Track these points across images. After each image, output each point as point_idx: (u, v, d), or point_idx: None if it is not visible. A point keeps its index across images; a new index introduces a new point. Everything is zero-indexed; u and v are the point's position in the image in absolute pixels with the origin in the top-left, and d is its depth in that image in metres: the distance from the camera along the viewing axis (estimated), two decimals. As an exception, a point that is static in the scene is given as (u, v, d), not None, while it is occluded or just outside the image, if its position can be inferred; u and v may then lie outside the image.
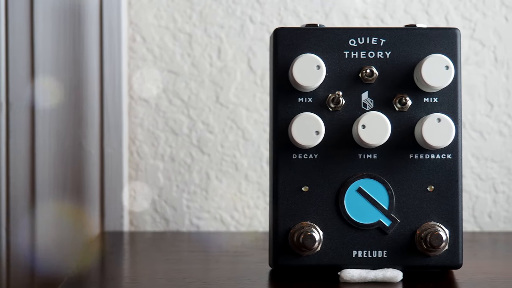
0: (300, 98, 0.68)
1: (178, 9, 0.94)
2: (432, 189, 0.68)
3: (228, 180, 0.95)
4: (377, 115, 0.67)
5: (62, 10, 0.90)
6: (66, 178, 0.91)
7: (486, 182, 0.95)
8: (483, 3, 0.94)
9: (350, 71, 0.68)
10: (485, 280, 0.69)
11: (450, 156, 0.68)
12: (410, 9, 0.94)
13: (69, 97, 0.91)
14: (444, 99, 0.68)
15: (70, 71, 0.91)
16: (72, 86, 0.91)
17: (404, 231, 0.68)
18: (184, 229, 0.95)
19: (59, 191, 0.91)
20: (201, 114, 0.94)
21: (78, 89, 0.91)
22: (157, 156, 0.95)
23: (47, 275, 0.90)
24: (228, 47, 0.94)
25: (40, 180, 0.91)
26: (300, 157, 0.68)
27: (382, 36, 0.69)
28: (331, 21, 0.94)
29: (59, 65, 0.91)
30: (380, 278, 0.67)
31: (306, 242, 0.67)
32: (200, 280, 0.68)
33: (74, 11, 0.90)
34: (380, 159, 0.68)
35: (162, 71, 0.94)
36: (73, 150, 0.91)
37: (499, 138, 0.95)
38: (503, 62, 0.95)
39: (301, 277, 0.68)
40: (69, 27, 0.91)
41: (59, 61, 0.91)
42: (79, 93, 0.91)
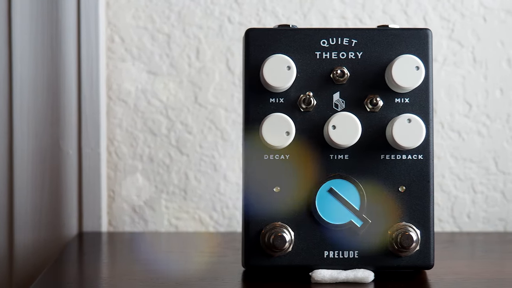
0: (271, 99, 0.68)
1: (156, 9, 0.94)
2: (403, 190, 0.68)
3: (207, 180, 0.95)
4: (348, 116, 0.67)
5: (40, 10, 0.90)
6: (44, 179, 0.91)
7: (465, 182, 0.95)
8: (462, 3, 0.94)
9: (322, 71, 0.68)
10: (456, 281, 0.69)
11: (422, 156, 0.68)
12: (388, 10, 0.94)
13: (47, 97, 0.91)
14: (415, 100, 0.68)
15: (47, 71, 0.91)
16: (50, 86, 0.91)
17: (376, 232, 0.68)
18: (163, 229, 0.95)
19: (37, 191, 0.91)
20: (180, 114, 0.94)
21: (56, 90, 0.91)
22: (136, 157, 0.95)
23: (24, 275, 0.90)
24: (206, 48, 0.94)
25: (18, 180, 0.91)
26: (271, 157, 0.68)
27: (354, 36, 0.69)
28: (310, 22, 0.94)
29: (37, 65, 0.91)
30: (351, 278, 0.67)
31: (277, 242, 0.67)
32: (172, 281, 0.68)
33: (52, 12, 0.90)
34: (351, 159, 0.68)
35: (140, 72, 0.94)
36: (51, 150, 0.91)
37: (477, 138, 0.95)
38: (482, 63, 0.95)
39: (273, 277, 0.68)
40: (47, 28, 0.91)
41: (37, 61, 0.91)
42: (57, 93, 0.91)
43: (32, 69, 0.91)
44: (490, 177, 0.95)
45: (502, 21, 0.94)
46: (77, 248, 0.86)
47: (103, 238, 0.91)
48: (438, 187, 0.95)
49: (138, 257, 0.81)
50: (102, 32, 0.92)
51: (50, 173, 0.91)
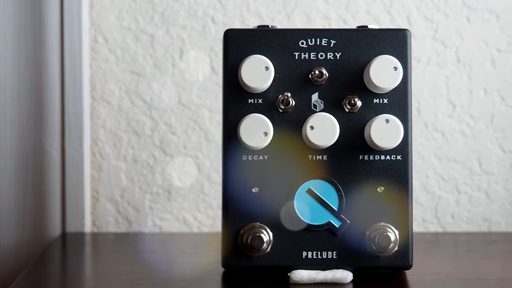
0: (250, 99, 0.68)
1: (140, 10, 0.94)
2: (382, 190, 0.68)
3: (191, 181, 0.95)
4: (325, 116, 0.67)
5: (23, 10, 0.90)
6: (27, 179, 0.91)
7: (449, 182, 0.95)
8: (445, 4, 0.94)
9: (300, 72, 0.68)
10: (435, 281, 0.69)
11: (400, 157, 0.68)
12: (372, 10, 0.94)
13: (30, 98, 0.91)
14: (394, 100, 0.68)
15: (31, 72, 0.90)
16: (33, 86, 0.91)
17: (354, 232, 0.68)
18: (147, 230, 0.95)
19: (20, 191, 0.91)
20: (164, 115, 0.94)
21: (39, 90, 0.91)
22: (120, 157, 0.95)
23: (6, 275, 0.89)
24: (190, 48, 0.94)
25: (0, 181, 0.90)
26: (250, 158, 0.68)
27: (332, 37, 0.69)
28: (293, 22, 0.94)
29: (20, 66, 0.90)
30: (329, 279, 0.67)
31: (254, 243, 0.67)
32: (151, 281, 0.68)
33: (35, 12, 0.90)
34: (330, 160, 0.68)
35: (124, 72, 0.94)
36: (34, 150, 0.91)
37: (461, 138, 0.95)
38: (465, 63, 0.95)
39: (252, 278, 0.68)
40: (30, 28, 0.91)
41: (20, 61, 0.90)
42: (40, 94, 0.91)
43: (15, 70, 0.90)
44: (474, 177, 0.95)
45: (486, 22, 0.94)
46: (60, 248, 0.86)
47: (87, 239, 0.91)
48: (422, 187, 0.95)
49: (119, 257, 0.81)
50: (85, 33, 0.92)
51: (33, 174, 0.91)
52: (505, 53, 0.95)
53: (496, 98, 0.95)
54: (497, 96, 0.95)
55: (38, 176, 0.91)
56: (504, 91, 0.95)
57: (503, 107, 0.95)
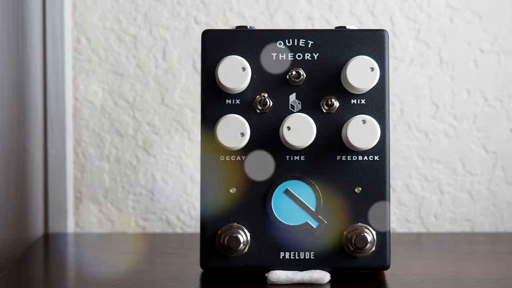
0: (228, 100, 0.68)
1: (123, 10, 0.94)
2: (359, 191, 0.68)
3: (174, 181, 0.95)
4: (302, 117, 0.67)
5: (5, 11, 0.90)
6: (9, 179, 0.91)
7: (432, 183, 0.95)
8: (428, 4, 0.94)
9: (278, 73, 0.69)
10: (413, 281, 0.69)
11: (378, 157, 0.68)
12: (355, 10, 0.94)
13: (12, 98, 0.91)
14: (371, 101, 0.69)
15: (13, 72, 0.90)
16: (15, 87, 0.91)
17: (332, 233, 0.68)
18: (130, 230, 0.95)
19: (2, 192, 0.91)
20: (147, 115, 0.94)
21: (21, 91, 0.91)
22: (103, 158, 0.95)
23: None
24: (173, 49, 0.94)
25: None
26: (227, 158, 0.68)
27: (310, 38, 0.69)
28: (276, 23, 0.94)
29: (2, 66, 0.90)
30: (307, 279, 0.67)
31: (231, 244, 0.67)
32: (127, 282, 0.68)
33: (17, 13, 0.90)
34: (307, 160, 0.68)
35: (107, 73, 0.94)
36: (17, 151, 0.91)
37: (444, 139, 0.95)
38: (448, 63, 0.95)
39: (230, 278, 0.68)
40: (12, 29, 0.91)
41: (2, 62, 0.90)
42: (23, 94, 0.91)
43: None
44: (457, 177, 0.95)
45: (469, 22, 0.95)
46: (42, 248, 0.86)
47: (69, 239, 0.91)
48: (405, 187, 0.95)
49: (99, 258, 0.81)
50: (68, 33, 0.92)
51: (16, 174, 0.91)
52: (488, 53, 0.95)
53: (479, 98, 0.95)
54: (480, 97, 0.95)
55: (20, 177, 0.91)
56: (487, 92, 0.95)
57: (486, 108, 0.95)
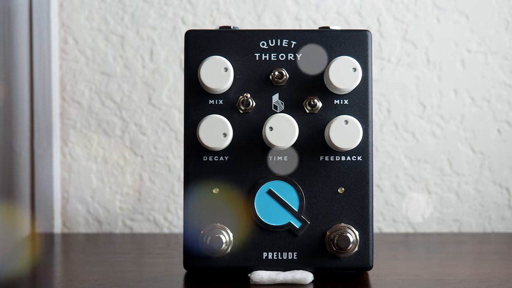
0: (210, 100, 0.68)
1: (110, 11, 0.94)
2: (342, 191, 0.68)
3: (161, 181, 0.95)
4: (284, 117, 0.67)
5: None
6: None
7: (419, 183, 0.95)
8: (415, 4, 0.94)
9: (261, 73, 0.69)
10: (396, 281, 0.69)
11: (361, 158, 0.68)
12: (342, 11, 0.94)
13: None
14: (354, 101, 0.68)
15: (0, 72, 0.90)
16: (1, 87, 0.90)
17: (314, 233, 0.68)
18: (117, 230, 0.95)
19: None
20: (134, 115, 0.94)
21: (8, 91, 0.91)
22: (90, 158, 0.95)
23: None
24: (160, 49, 0.94)
25: (-31, 182, 0.91)
26: (210, 159, 0.68)
27: (293, 38, 0.69)
28: (263, 23, 0.94)
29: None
30: (289, 280, 0.67)
31: (213, 244, 0.67)
32: (111, 282, 0.68)
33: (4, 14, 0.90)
34: (290, 161, 0.68)
35: (94, 73, 0.94)
36: (3, 151, 0.91)
37: (431, 139, 0.95)
38: (436, 63, 0.95)
39: (213, 279, 0.68)
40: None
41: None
42: (9, 94, 0.91)
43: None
44: (445, 178, 0.95)
45: (456, 22, 0.95)
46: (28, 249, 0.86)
47: (56, 239, 0.91)
48: (392, 188, 0.95)
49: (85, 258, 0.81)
50: (55, 34, 0.92)
51: (2, 174, 0.91)
52: (475, 53, 0.95)
53: (466, 98, 0.95)
54: (467, 97, 0.95)
55: (7, 176, 0.91)
56: (474, 92, 0.95)
57: (473, 108, 0.95)
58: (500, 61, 0.95)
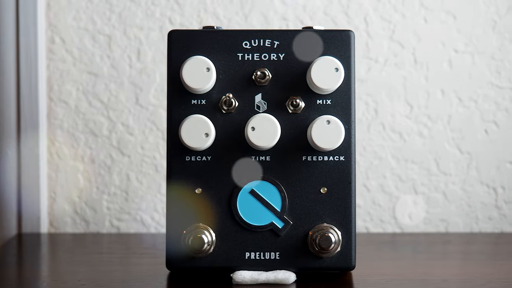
0: (193, 100, 0.68)
1: (97, 10, 0.94)
2: (325, 191, 0.68)
3: (149, 181, 0.95)
4: (266, 117, 0.67)
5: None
6: (-18, 180, 0.91)
7: (406, 183, 0.95)
8: (402, 4, 0.94)
9: (244, 73, 0.69)
10: (379, 281, 0.69)
11: (343, 158, 0.68)
12: (329, 11, 0.94)
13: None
14: (337, 101, 0.69)
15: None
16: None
17: (297, 233, 0.68)
18: (105, 230, 0.95)
19: (-25, 192, 0.91)
20: (121, 115, 0.94)
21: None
22: (77, 158, 0.95)
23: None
24: (147, 49, 0.94)
25: (-44, 182, 0.90)
26: (193, 159, 0.68)
27: (276, 38, 0.69)
28: (251, 23, 0.94)
29: (-24, 67, 0.90)
30: (272, 280, 0.67)
31: (195, 244, 0.67)
32: (94, 282, 0.68)
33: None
34: (273, 161, 0.68)
35: (81, 73, 0.94)
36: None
37: (419, 139, 0.95)
38: (423, 64, 0.95)
39: (196, 279, 0.68)
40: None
41: (-24, 62, 0.90)
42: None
43: (-29, 70, 0.90)
44: (432, 178, 0.95)
45: (443, 22, 0.95)
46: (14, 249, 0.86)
47: (43, 239, 0.91)
48: (379, 188, 0.95)
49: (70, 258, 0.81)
50: (41, 34, 0.92)
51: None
52: (462, 53, 0.95)
53: (454, 98, 0.95)
54: (454, 97, 0.95)
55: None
56: (461, 92, 0.95)
57: (460, 108, 0.95)
58: (487, 61, 0.95)
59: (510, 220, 0.96)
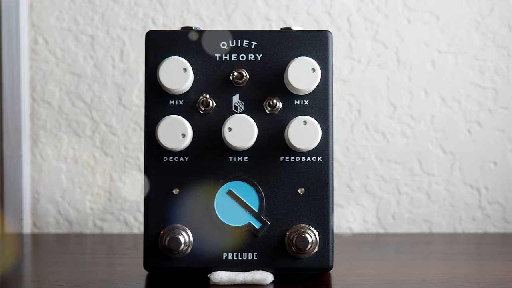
0: (171, 101, 0.68)
1: (80, 11, 0.94)
2: (302, 192, 0.68)
3: (132, 181, 0.95)
4: (243, 118, 0.67)
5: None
6: (-35, 180, 0.91)
7: (390, 183, 0.95)
8: (385, 5, 0.94)
9: (221, 73, 0.68)
10: (356, 282, 0.69)
11: (321, 158, 0.68)
12: (312, 11, 0.94)
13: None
14: (315, 102, 0.68)
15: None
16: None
17: (275, 234, 0.68)
18: (88, 231, 0.95)
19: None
20: (104, 116, 0.94)
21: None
22: (60, 158, 0.95)
23: None
24: (130, 49, 0.94)
25: None
26: (170, 159, 0.68)
27: (254, 39, 0.69)
28: (234, 23, 0.94)
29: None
30: (249, 280, 0.67)
31: (172, 244, 0.67)
32: (71, 283, 0.68)
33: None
34: (250, 161, 0.68)
35: (64, 73, 0.94)
36: (-28, 152, 0.91)
37: (402, 139, 0.95)
38: (406, 64, 0.95)
39: (173, 279, 0.68)
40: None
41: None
42: (-22, 95, 0.91)
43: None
44: (415, 178, 0.95)
45: (426, 22, 0.95)
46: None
47: (25, 240, 0.90)
48: (362, 188, 0.95)
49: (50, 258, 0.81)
50: (24, 34, 0.92)
51: (-29, 175, 0.91)
52: (445, 54, 0.95)
53: (437, 99, 0.95)
54: (437, 97, 0.95)
55: (-24, 177, 0.91)
56: (444, 92, 0.95)
57: (443, 108, 0.95)
58: (470, 61, 0.95)
59: (493, 220, 0.96)
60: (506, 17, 0.94)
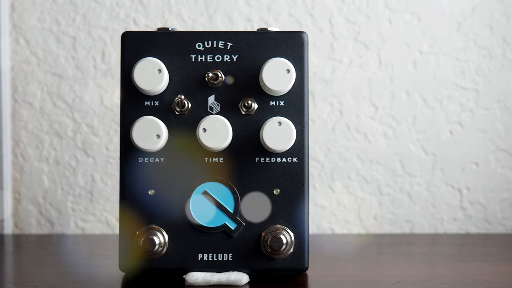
0: (146, 102, 0.68)
1: (61, 12, 0.94)
2: (278, 192, 0.68)
3: (113, 182, 0.95)
4: (217, 119, 0.67)
5: None
6: None
7: (371, 184, 0.96)
8: (367, 5, 0.95)
9: (197, 74, 0.69)
10: (332, 283, 0.69)
11: (296, 159, 0.68)
12: (294, 12, 0.94)
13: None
14: (290, 103, 0.68)
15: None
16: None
17: (250, 234, 0.68)
18: (70, 231, 0.95)
19: None
20: (86, 116, 0.94)
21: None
22: (42, 159, 0.95)
23: None
24: (112, 50, 0.94)
25: None
26: (146, 160, 0.68)
27: (229, 40, 0.69)
28: (215, 24, 0.94)
29: None
30: (224, 281, 0.67)
31: (146, 245, 0.67)
32: (47, 284, 0.68)
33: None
34: (226, 162, 0.68)
35: (46, 74, 0.94)
36: (-47, 153, 0.91)
37: (383, 140, 0.95)
38: (387, 65, 0.95)
39: (149, 280, 0.68)
40: None
41: None
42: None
43: None
44: (397, 179, 0.95)
45: (407, 23, 0.95)
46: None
47: (6, 241, 0.90)
48: (344, 189, 0.95)
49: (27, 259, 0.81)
50: (5, 35, 0.92)
51: (-48, 176, 0.91)
52: (427, 55, 0.95)
53: (418, 100, 0.95)
54: (419, 98, 0.95)
55: (-43, 178, 0.91)
56: (426, 93, 0.95)
57: (425, 109, 0.95)
58: (452, 62, 0.95)
59: (475, 221, 0.96)
60: (487, 18, 0.95)
